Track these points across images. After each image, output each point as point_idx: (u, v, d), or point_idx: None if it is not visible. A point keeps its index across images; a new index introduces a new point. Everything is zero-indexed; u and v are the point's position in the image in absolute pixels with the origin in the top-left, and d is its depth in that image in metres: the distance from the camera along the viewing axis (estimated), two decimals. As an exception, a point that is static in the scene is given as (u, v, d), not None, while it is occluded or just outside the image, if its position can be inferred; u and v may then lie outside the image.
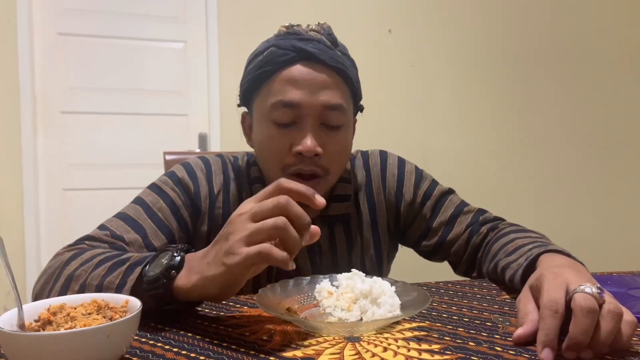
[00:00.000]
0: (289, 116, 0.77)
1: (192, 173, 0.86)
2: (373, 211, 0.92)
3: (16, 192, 2.14)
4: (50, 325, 0.47)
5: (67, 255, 0.70)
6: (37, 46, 2.19)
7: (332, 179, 0.83)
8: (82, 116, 2.25)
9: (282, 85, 0.77)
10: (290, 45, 0.77)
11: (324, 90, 0.77)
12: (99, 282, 0.63)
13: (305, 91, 0.76)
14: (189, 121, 2.36)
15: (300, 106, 0.77)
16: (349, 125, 0.83)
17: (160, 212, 0.80)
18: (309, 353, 0.51)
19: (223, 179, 0.88)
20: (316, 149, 0.76)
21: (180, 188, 0.84)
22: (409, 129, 2.53)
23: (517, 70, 2.68)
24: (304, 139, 0.76)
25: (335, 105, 0.78)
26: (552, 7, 2.70)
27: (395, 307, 0.60)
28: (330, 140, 0.79)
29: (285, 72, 0.77)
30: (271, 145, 0.79)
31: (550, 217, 2.67)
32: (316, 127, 0.78)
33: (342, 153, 0.82)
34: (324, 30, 0.80)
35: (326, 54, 0.77)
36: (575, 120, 2.75)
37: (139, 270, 0.61)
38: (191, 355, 0.51)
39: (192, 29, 2.35)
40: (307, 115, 0.77)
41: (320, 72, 0.77)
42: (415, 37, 2.55)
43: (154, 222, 0.79)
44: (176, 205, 0.82)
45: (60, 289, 0.65)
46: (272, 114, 0.78)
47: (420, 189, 0.93)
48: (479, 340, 0.55)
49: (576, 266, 0.61)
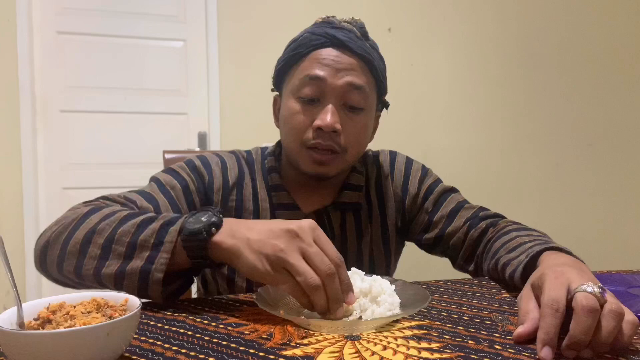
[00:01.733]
0: (313, 91, 0.81)
1: (208, 164, 0.90)
2: (382, 205, 0.95)
3: (16, 191, 2.14)
4: (49, 324, 0.47)
5: (85, 209, 0.71)
6: (36, 45, 2.19)
7: (349, 158, 0.85)
8: (82, 115, 2.25)
9: (311, 63, 0.82)
10: (323, 32, 0.83)
11: (348, 72, 0.81)
12: (131, 239, 0.64)
13: (331, 69, 0.81)
14: (188, 120, 2.36)
15: (325, 82, 0.80)
16: (369, 110, 0.86)
17: (172, 191, 0.83)
18: (309, 352, 0.51)
19: (237, 173, 0.91)
20: (335, 125, 0.80)
21: (195, 174, 0.87)
22: (409, 127, 2.53)
23: (517, 69, 2.68)
24: (325, 115, 0.80)
25: (358, 85, 0.81)
26: (552, 7, 2.70)
27: (394, 306, 0.60)
28: (350, 121, 0.83)
29: (315, 53, 0.82)
30: (294, 120, 0.83)
31: (550, 215, 2.67)
32: (337, 106, 0.81)
33: (361, 135, 0.85)
34: (357, 24, 0.86)
35: (355, 43, 0.82)
36: (575, 119, 2.75)
37: (176, 232, 0.63)
38: (190, 354, 0.51)
39: (192, 27, 2.35)
40: (330, 92, 0.81)
41: (348, 57, 0.82)
42: (415, 36, 2.55)
43: (166, 198, 0.82)
44: (189, 189, 0.85)
45: (82, 240, 0.66)
46: (299, 91, 0.82)
47: (424, 184, 0.96)
48: (479, 338, 0.55)
49: (578, 265, 0.61)
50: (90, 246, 0.65)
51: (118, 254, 0.64)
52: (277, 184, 0.89)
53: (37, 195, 2.19)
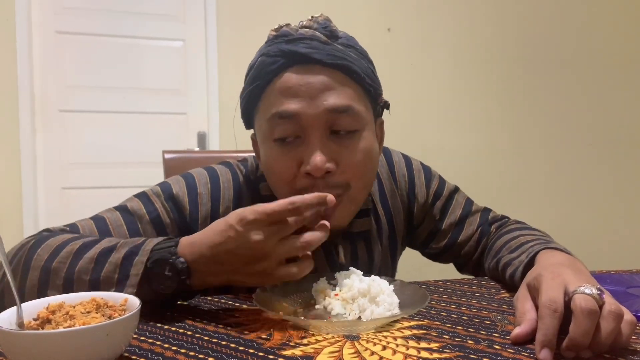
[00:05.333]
0: (289, 130, 0.67)
1: (193, 189, 0.75)
2: (390, 219, 0.88)
3: (15, 190, 2.14)
4: (49, 324, 0.47)
5: (28, 244, 0.63)
6: (35, 45, 2.18)
7: (357, 194, 0.71)
8: (81, 115, 2.25)
9: (275, 97, 0.67)
10: (278, 50, 0.67)
11: (324, 93, 0.66)
12: (92, 277, 0.58)
13: (303, 98, 0.66)
14: (188, 120, 2.36)
15: (299, 116, 0.66)
16: (366, 128, 0.71)
17: (139, 222, 0.71)
18: (308, 352, 0.51)
19: (233, 196, 0.77)
20: (325, 166, 0.65)
21: (170, 205, 0.74)
22: (409, 127, 2.53)
23: (516, 69, 2.68)
24: (311, 156, 0.65)
25: (343, 108, 0.66)
26: (552, 7, 2.70)
27: (393, 306, 0.60)
28: (345, 150, 0.68)
29: (277, 82, 0.67)
30: (277, 167, 0.69)
31: (549, 215, 2.66)
32: (324, 138, 0.67)
33: (363, 163, 0.69)
34: (318, 24, 0.69)
35: (322, 52, 0.66)
36: (575, 119, 2.75)
37: (141, 268, 0.58)
38: (190, 354, 0.51)
39: (191, 27, 2.35)
40: (310, 126, 0.66)
41: (318, 73, 0.66)
42: (415, 36, 2.55)
43: (129, 230, 0.70)
44: (161, 220, 0.72)
45: (39, 285, 0.59)
46: (272, 132, 0.68)
47: (431, 189, 0.90)
48: (478, 338, 0.55)
49: (575, 265, 0.61)
50: (49, 290, 0.59)
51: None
52: None
53: (36, 195, 2.19)
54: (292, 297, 0.66)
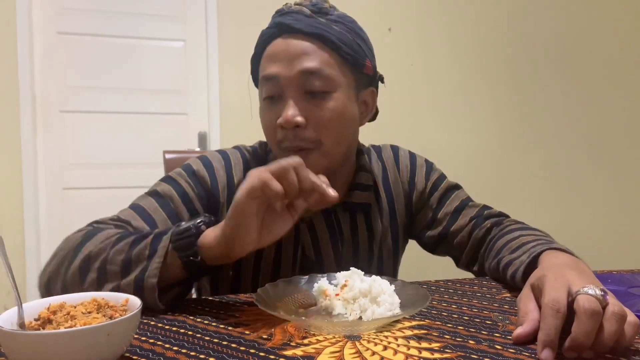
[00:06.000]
0: (272, 90, 0.78)
1: (209, 165, 0.85)
2: (392, 201, 0.93)
3: (16, 191, 2.14)
4: (50, 324, 0.47)
5: (78, 238, 0.70)
6: (36, 45, 2.19)
7: (329, 149, 0.78)
8: (82, 115, 2.25)
9: (264, 62, 0.79)
10: (273, 23, 0.79)
11: (301, 58, 0.76)
12: (125, 257, 0.64)
13: (283, 62, 0.76)
14: (188, 120, 2.36)
15: (278, 78, 0.76)
16: (339, 90, 0.78)
17: (172, 202, 0.79)
18: (309, 352, 0.51)
19: (243, 169, 0.86)
20: (295, 119, 0.74)
21: (194, 180, 0.83)
22: (409, 127, 2.53)
23: (517, 68, 2.68)
24: (284, 111, 0.76)
25: (313, 69, 0.75)
26: (552, 7, 2.70)
27: (394, 306, 0.60)
28: (316, 108, 0.76)
29: (268, 49, 0.79)
30: (264, 122, 0.81)
31: (550, 215, 2.66)
32: (299, 97, 0.76)
33: (333, 121, 0.77)
34: (309, 2, 0.80)
35: (303, 23, 0.76)
36: (575, 119, 2.75)
37: (167, 237, 0.64)
38: (191, 354, 0.51)
39: (192, 27, 2.35)
40: (287, 86, 0.76)
41: (298, 41, 0.77)
42: (415, 35, 2.55)
43: (164, 211, 0.78)
44: (189, 196, 0.81)
45: (79, 268, 0.65)
46: (262, 92, 0.80)
47: (430, 180, 0.95)
48: (479, 338, 0.55)
49: (579, 266, 0.61)
50: (89, 272, 0.65)
51: (114, 273, 0.64)
52: None
53: (37, 195, 2.19)
54: (293, 297, 0.67)
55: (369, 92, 0.86)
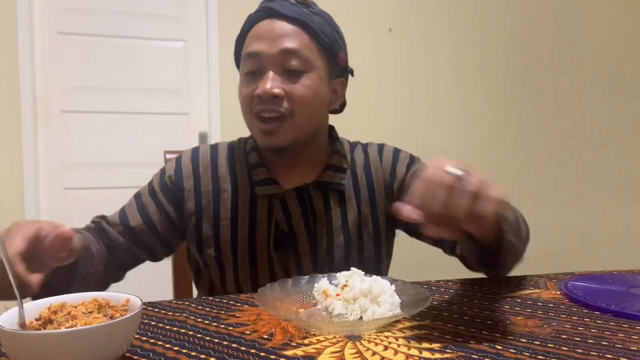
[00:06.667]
0: (254, 65, 0.84)
1: (178, 158, 0.94)
2: (372, 190, 0.95)
3: (17, 191, 2.14)
4: (51, 324, 0.47)
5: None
6: (37, 45, 2.19)
7: (300, 122, 0.85)
8: (83, 115, 2.25)
9: (249, 40, 0.86)
10: (260, 7, 0.87)
11: (282, 39, 0.83)
12: None
13: (266, 41, 0.83)
14: (189, 120, 2.36)
15: (261, 55, 0.83)
16: (314, 73, 0.85)
17: (143, 197, 0.90)
18: (310, 352, 0.51)
19: (211, 157, 0.93)
20: (273, 91, 0.81)
21: (161, 175, 0.92)
22: (409, 127, 2.53)
23: (517, 68, 2.68)
24: (263, 83, 0.82)
25: (292, 49, 0.83)
26: (552, 7, 2.70)
27: (395, 306, 0.60)
28: (293, 84, 0.84)
29: (253, 29, 0.86)
30: (242, 93, 0.87)
31: (550, 215, 2.66)
32: (278, 73, 0.83)
33: (307, 96, 0.84)
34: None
35: (287, 9, 0.85)
36: (575, 119, 2.75)
37: None
38: (192, 354, 0.51)
39: (193, 28, 2.35)
40: (268, 62, 0.83)
41: (283, 23, 0.84)
42: (416, 35, 2.55)
43: (136, 205, 0.89)
44: (154, 190, 0.90)
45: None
46: (243, 68, 0.87)
47: (412, 169, 0.96)
48: (480, 338, 0.55)
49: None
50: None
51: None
52: (255, 162, 0.91)
53: (37, 195, 2.20)
54: (294, 297, 0.67)
55: (339, 82, 0.92)
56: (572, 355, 0.50)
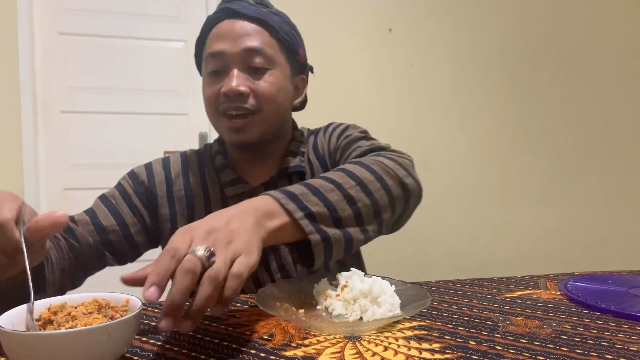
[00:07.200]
0: (217, 65, 0.85)
1: (148, 165, 0.95)
2: (324, 164, 0.95)
3: (17, 191, 2.14)
4: (51, 325, 0.47)
5: None
6: (37, 46, 2.19)
7: (267, 116, 0.86)
8: (83, 116, 2.26)
9: (211, 41, 0.87)
10: (219, 9, 0.89)
11: (244, 38, 0.85)
12: None
13: (229, 41, 0.85)
14: (189, 120, 2.37)
15: (224, 54, 0.84)
16: (278, 70, 0.87)
17: (112, 199, 0.91)
18: (310, 352, 0.51)
19: (181, 164, 0.95)
20: (239, 88, 0.82)
21: (133, 179, 0.93)
22: (409, 128, 2.53)
23: (517, 69, 2.68)
24: (228, 81, 0.84)
25: (255, 48, 0.84)
26: (552, 7, 2.70)
27: (395, 307, 0.60)
28: (257, 81, 0.85)
29: (214, 30, 0.88)
30: (207, 94, 0.88)
31: (550, 216, 2.66)
32: (243, 70, 0.85)
33: (272, 93, 0.86)
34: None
35: (247, 9, 0.86)
36: (575, 120, 2.75)
37: None
38: (192, 355, 0.51)
39: (193, 28, 2.35)
40: (232, 61, 0.85)
41: (243, 22, 0.86)
42: (416, 36, 2.55)
43: (105, 206, 0.90)
44: (127, 193, 0.91)
45: None
46: (207, 67, 0.88)
47: (342, 136, 0.93)
48: (480, 339, 0.55)
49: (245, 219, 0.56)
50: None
51: None
52: (222, 164, 0.92)
53: (38, 196, 2.20)
54: (294, 297, 0.67)
55: (300, 79, 0.95)
56: (572, 356, 0.50)
